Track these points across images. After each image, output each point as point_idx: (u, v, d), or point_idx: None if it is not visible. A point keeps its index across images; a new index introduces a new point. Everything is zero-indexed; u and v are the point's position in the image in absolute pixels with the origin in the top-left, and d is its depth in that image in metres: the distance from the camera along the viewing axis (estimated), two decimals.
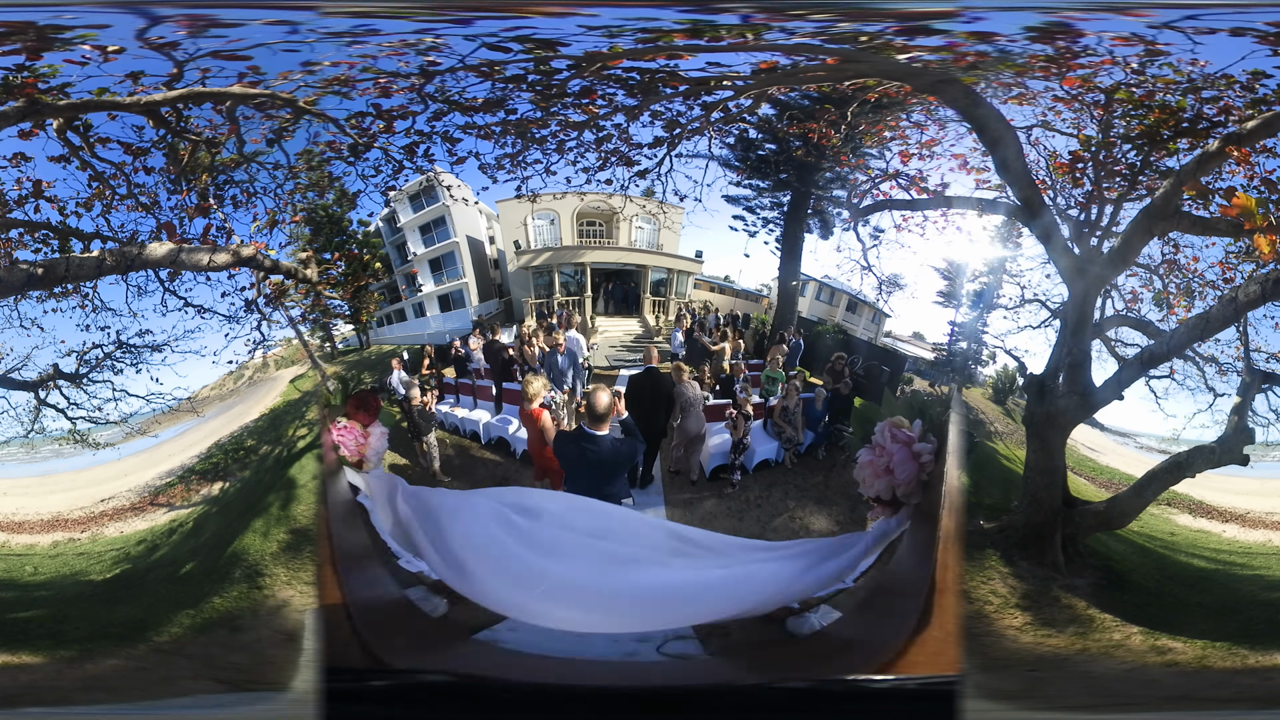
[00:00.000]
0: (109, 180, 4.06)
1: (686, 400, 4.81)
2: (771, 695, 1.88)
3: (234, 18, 3.28)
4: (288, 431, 5.04)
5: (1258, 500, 4.44)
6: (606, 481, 3.65)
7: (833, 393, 5.26)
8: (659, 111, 4.32)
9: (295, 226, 4.77)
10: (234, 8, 3.28)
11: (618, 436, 3.67)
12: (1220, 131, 3.42)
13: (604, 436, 3.55)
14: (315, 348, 5.64)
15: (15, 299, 4.26)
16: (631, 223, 6.19)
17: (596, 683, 2.07)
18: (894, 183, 5.00)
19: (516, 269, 6.40)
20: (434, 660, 2.14)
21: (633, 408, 4.80)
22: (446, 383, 6.05)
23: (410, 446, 5.10)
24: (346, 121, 4.13)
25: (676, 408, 4.84)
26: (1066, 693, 3.02)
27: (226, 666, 3.16)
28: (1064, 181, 4.33)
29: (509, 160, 4.69)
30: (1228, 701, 2.90)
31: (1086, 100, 3.84)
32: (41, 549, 4.22)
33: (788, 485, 4.90)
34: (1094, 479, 4.78)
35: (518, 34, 3.44)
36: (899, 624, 1.85)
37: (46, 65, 3.30)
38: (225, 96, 3.74)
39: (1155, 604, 3.60)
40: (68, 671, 3.07)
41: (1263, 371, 4.31)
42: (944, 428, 2.13)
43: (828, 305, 6.47)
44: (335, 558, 2.20)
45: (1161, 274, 4.75)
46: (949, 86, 3.53)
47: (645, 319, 6.67)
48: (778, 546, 2.68)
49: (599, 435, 3.52)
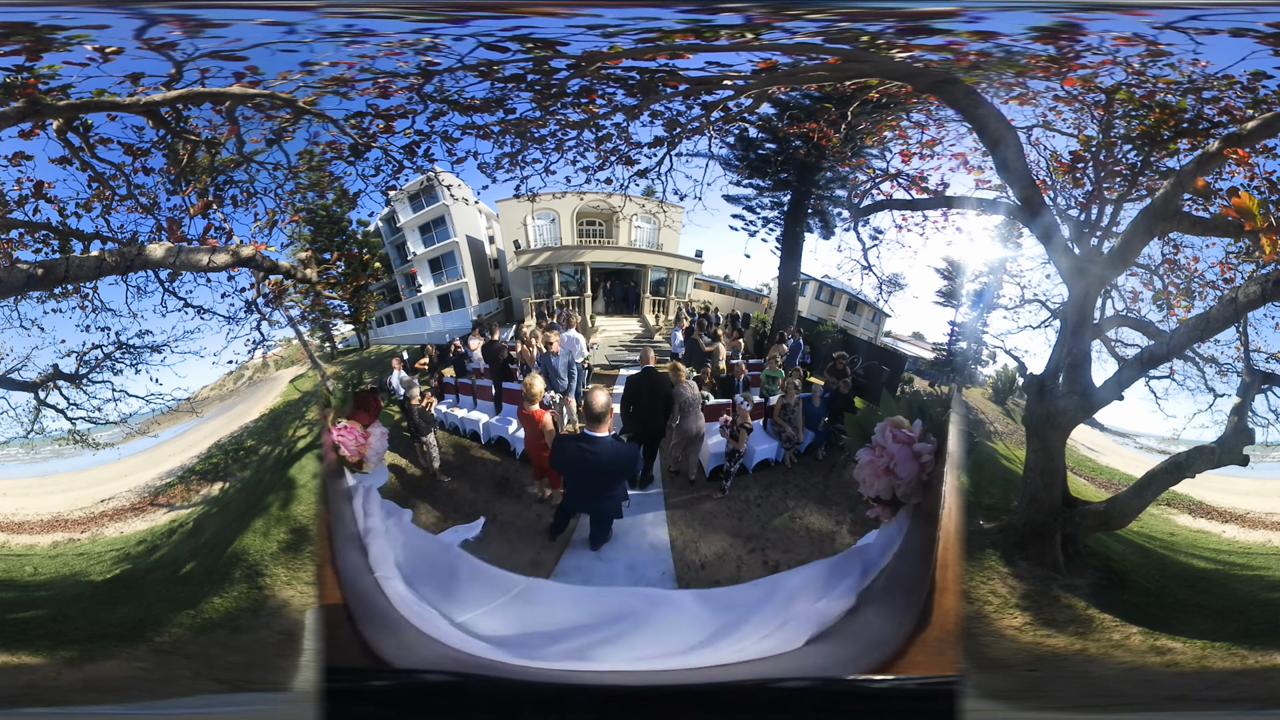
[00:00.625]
0: (109, 181, 4.06)
1: (685, 400, 4.82)
2: (771, 695, 1.88)
3: (231, 18, 3.28)
4: (288, 432, 5.04)
5: (1258, 501, 4.44)
6: (606, 486, 3.62)
7: (833, 392, 5.26)
8: (659, 111, 4.33)
9: (295, 226, 4.76)
10: (231, 8, 3.28)
11: (617, 438, 3.65)
12: (1220, 132, 3.42)
13: (603, 438, 3.53)
14: (315, 348, 5.63)
15: (15, 299, 4.26)
16: (631, 222, 6.19)
17: (596, 682, 2.07)
18: (894, 182, 5.00)
19: (516, 268, 6.40)
20: (434, 660, 2.13)
21: (631, 408, 4.82)
22: (446, 383, 6.05)
23: (410, 446, 5.10)
24: (346, 121, 4.13)
25: (675, 407, 4.85)
26: (1066, 693, 3.03)
27: (226, 666, 3.16)
28: (1064, 181, 4.33)
29: (508, 160, 4.70)
30: (1227, 702, 2.91)
31: (1087, 100, 3.84)
32: (41, 549, 4.22)
33: (787, 485, 4.90)
34: (1094, 479, 4.78)
35: (516, 34, 3.44)
36: (899, 624, 1.85)
37: (46, 66, 3.30)
38: (224, 97, 3.74)
39: (1155, 604, 3.61)
40: (67, 671, 3.08)
41: (1263, 372, 4.30)
42: (944, 428, 2.13)
43: (828, 305, 6.48)
44: (335, 558, 2.20)
45: (1161, 274, 4.74)
46: (950, 86, 3.53)
47: (645, 318, 6.67)
48: (791, 575, 2.59)
49: (598, 437, 3.49)
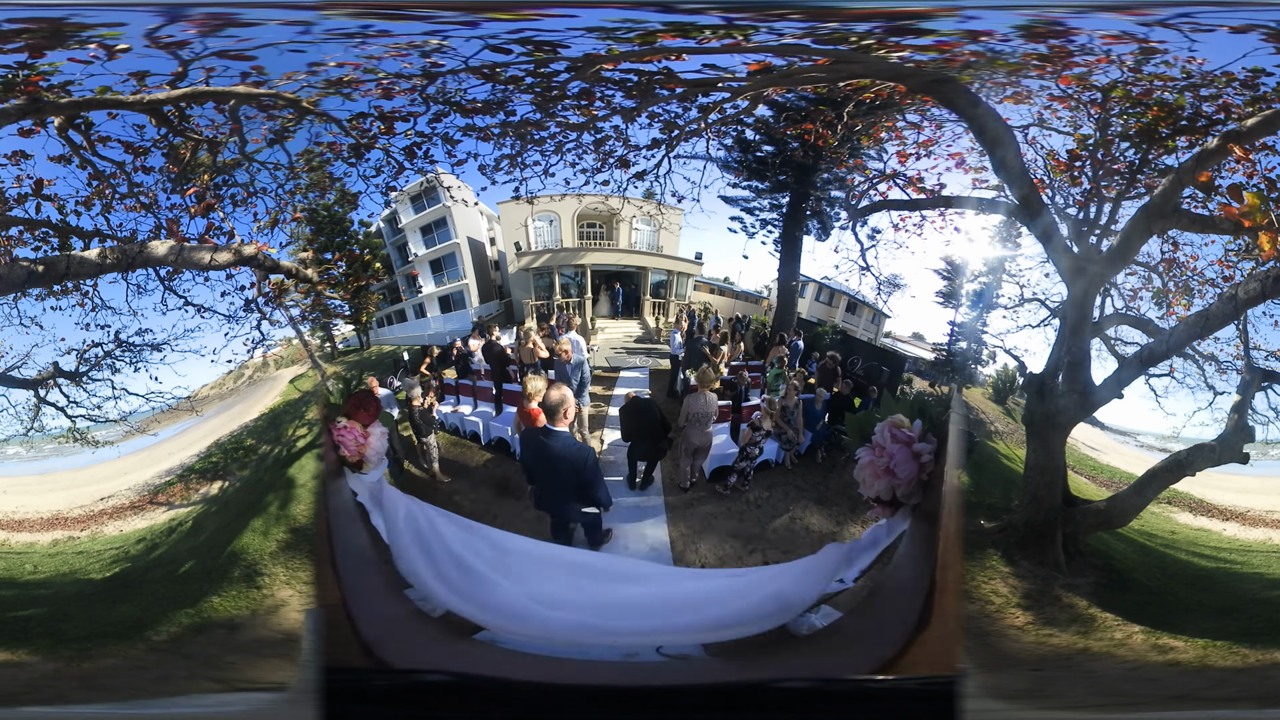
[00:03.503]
0: (109, 179, 4.07)
1: (696, 413, 4.63)
2: (771, 695, 1.88)
3: (257, 17, 3.29)
4: (287, 431, 5.04)
5: (1258, 498, 4.44)
6: (563, 486, 3.53)
7: (832, 394, 5.26)
8: (657, 113, 4.34)
9: (296, 226, 4.78)
10: (244, 7, 3.29)
11: (573, 439, 3.56)
12: (1219, 129, 3.42)
13: (561, 433, 3.46)
14: (315, 348, 5.64)
15: (15, 297, 4.27)
16: (630, 224, 6.20)
17: (596, 682, 2.06)
18: (892, 183, 5.01)
19: (517, 270, 6.40)
20: (434, 660, 2.13)
21: (629, 436, 4.83)
22: (447, 383, 6.05)
23: (410, 447, 5.10)
24: (348, 122, 4.14)
25: (675, 424, 4.76)
26: (1068, 692, 3.02)
27: (225, 666, 3.16)
28: (1062, 180, 4.34)
29: (508, 161, 4.71)
30: (1229, 700, 2.90)
31: (1084, 99, 3.84)
32: (41, 547, 4.22)
33: (788, 486, 4.89)
34: (1094, 478, 4.78)
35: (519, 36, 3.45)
36: (899, 624, 1.85)
37: (48, 63, 3.31)
38: (228, 96, 3.74)
39: (1156, 603, 3.60)
40: (67, 670, 3.07)
41: (1262, 369, 4.30)
42: (944, 428, 2.13)
43: (827, 306, 6.48)
44: (335, 557, 2.19)
45: (1161, 272, 4.75)
46: (945, 86, 3.54)
47: (645, 321, 6.67)
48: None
49: (556, 431, 3.44)
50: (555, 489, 3.64)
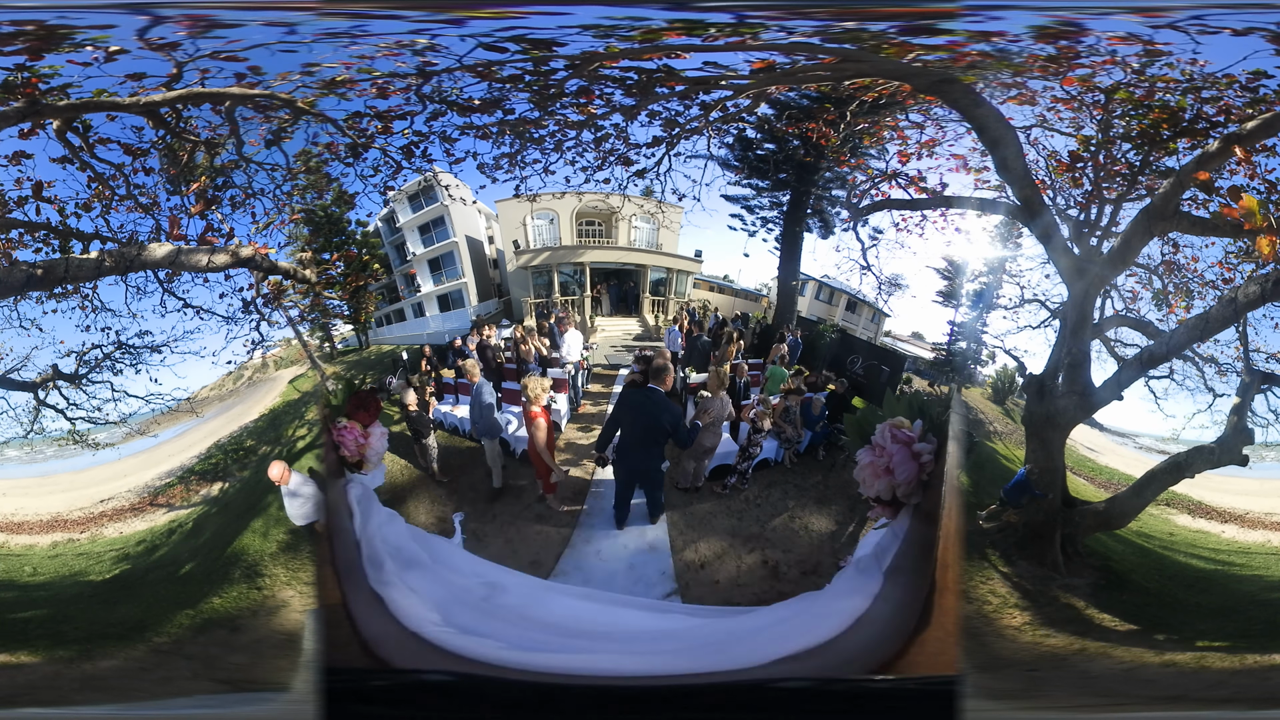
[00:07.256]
0: (108, 181, 4.06)
1: (716, 415, 4.43)
2: (771, 695, 1.88)
3: (240, 18, 3.28)
4: (287, 431, 5.04)
5: (1257, 501, 4.44)
6: (654, 431, 3.99)
7: (830, 394, 5.26)
8: (657, 111, 4.32)
9: (294, 227, 4.77)
10: (232, 9, 3.28)
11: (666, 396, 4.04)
12: (1220, 131, 3.42)
13: (659, 390, 3.96)
14: (314, 348, 5.63)
15: (15, 299, 4.26)
16: (630, 222, 6.19)
17: (597, 682, 2.06)
18: (893, 182, 5.01)
19: (516, 268, 6.39)
20: (434, 660, 2.13)
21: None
22: (446, 383, 6.05)
23: (410, 447, 5.09)
24: (345, 122, 4.13)
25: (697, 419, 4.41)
26: (1065, 692, 3.02)
27: (226, 666, 3.17)
28: (1064, 181, 4.34)
29: (507, 160, 4.70)
30: (1225, 701, 2.90)
31: (1086, 100, 3.84)
32: (41, 549, 4.22)
33: (787, 485, 4.90)
34: (1093, 479, 4.79)
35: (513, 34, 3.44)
36: (899, 624, 1.85)
37: (47, 66, 3.30)
38: (224, 97, 3.73)
39: (1154, 604, 3.61)
40: (67, 671, 3.07)
41: (1262, 372, 4.30)
42: (944, 428, 2.13)
43: (827, 305, 6.48)
44: (335, 558, 2.19)
45: (1161, 274, 4.75)
46: (949, 86, 3.53)
47: (645, 318, 6.66)
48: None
49: (655, 389, 3.93)
50: (644, 434, 4.02)
